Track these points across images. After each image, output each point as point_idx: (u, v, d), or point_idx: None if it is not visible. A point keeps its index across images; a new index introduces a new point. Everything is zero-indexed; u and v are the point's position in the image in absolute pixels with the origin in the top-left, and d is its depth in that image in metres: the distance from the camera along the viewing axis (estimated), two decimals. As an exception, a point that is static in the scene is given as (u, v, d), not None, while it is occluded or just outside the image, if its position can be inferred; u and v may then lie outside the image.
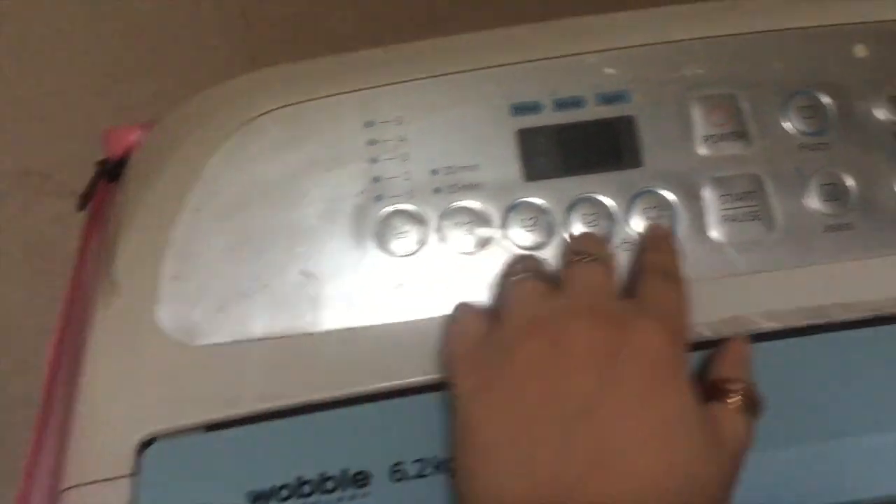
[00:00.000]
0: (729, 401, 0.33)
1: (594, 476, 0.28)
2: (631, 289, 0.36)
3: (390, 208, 0.39)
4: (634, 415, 0.29)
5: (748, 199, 0.39)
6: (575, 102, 0.40)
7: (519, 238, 0.39)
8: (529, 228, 0.39)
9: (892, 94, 0.40)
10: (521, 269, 0.35)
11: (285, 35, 0.66)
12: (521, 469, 0.29)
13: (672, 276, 0.36)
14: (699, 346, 0.37)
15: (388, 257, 0.38)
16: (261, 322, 0.38)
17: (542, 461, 0.29)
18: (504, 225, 0.39)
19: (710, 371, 0.35)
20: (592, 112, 0.40)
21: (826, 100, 0.40)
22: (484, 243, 0.39)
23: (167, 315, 0.38)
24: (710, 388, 0.33)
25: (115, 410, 0.38)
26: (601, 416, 0.29)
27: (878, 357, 0.37)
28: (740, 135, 0.40)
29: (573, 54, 0.40)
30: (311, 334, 0.37)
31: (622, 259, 0.38)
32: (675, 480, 0.29)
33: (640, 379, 0.30)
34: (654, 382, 0.30)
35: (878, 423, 0.36)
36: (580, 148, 0.40)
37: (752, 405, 0.33)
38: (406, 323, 0.38)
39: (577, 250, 0.36)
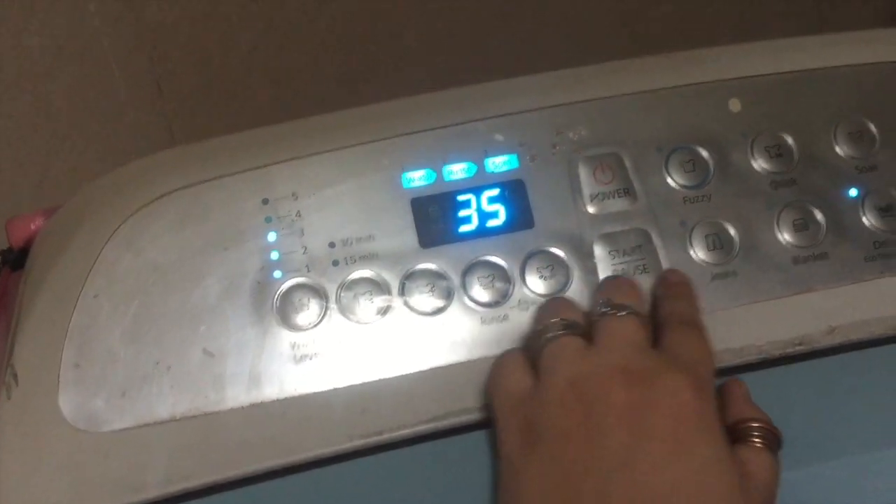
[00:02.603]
0: (754, 440, 0.34)
1: None
2: (656, 337, 0.37)
3: (290, 283, 0.39)
4: (669, 466, 0.31)
5: (637, 253, 0.41)
6: (466, 169, 0.42)
7: (418, 304, 0.40)
8: (428, 294, 0.40)
9: (767, 145, 0.43)
10: (555, 326, 0.36)
11: (202, 105, 0.67)
12: None
13: (693, 324, 0.37)
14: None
15: (290, 332, 0.39)
16: (165, 404, 0.38)
17: None
18: (403, 292, 0.40)
19: (724, 415, 0.36)
20: (483, 178, 0.41)
21: (705, 153, 0.42)
22: (384, 311, 0.40)
23: (70, 403, 0.38)
24: (731, 431, 0.34)
25: (20, 500, 0.37)
26: (637, 468, 0.31)
27: (763, 400, 0.38)
28: (626, 191, 0.42)
29: (462, 122, 0.42)
30: (215, 413, 0.38)
31: (522, 318, 0.40)
32: None
33: (672, 432, 0.32)
34: (686, 434, 0.32)
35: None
36: (473, 213, 0.41)
37: (775, 440, 0.35)
38: (310, 395, 0.38)
39: (610, 301, 0.37)
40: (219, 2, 0.62)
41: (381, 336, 0.39)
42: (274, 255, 0.40)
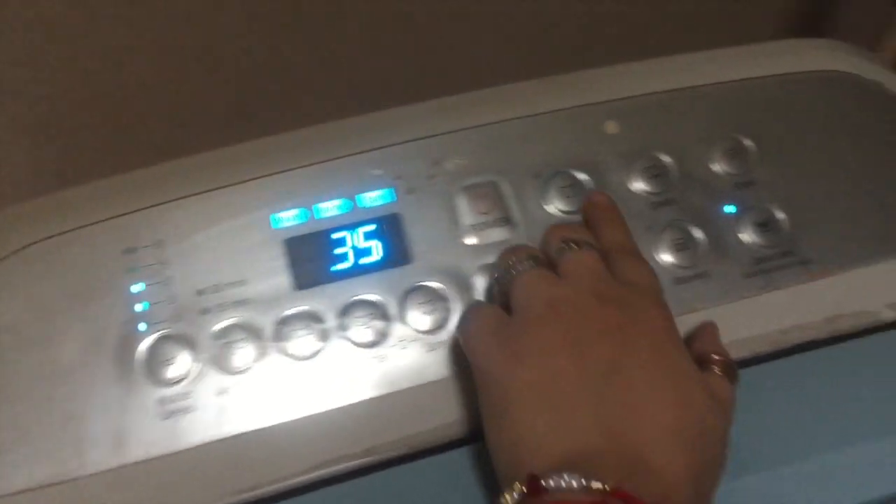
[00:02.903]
0: (715, 368, 0.37)
1: (626, 425, 0.32)
2: None
3: (156, 335, 0.37)
4: (651, 375, 0.33)
5: (518, 282, 0.40)
6: (340, 206, 0.40)
7: (293, 349, 0.38)
8: (303, 337, 0.38)
9: (645, 166, 0.42)
10: (521, 259, 0.37)
11: (92, 145, 0.65)
12: (564, 427, 0.32)
13: (634, 251, 0.39)
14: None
15: (157, 387, 0.37)
16: (21, 474, 0.35)
17: (582, 416, 0.32)
18: (277, 338, 0.38)
19: (691, 347, 0.38)
20: (358, 214, 0.40)
21: (583, 178, 0.42)
22: (257, 358, 0.38)
23: (-81, 479, 0.36)
24: (695, 361, 0.36)
25: None
26: (625, 376, 0.33)
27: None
28: (505, 220, 0.41)
29: (334, 158, 0.41)
30: (76, 479, 0.35)
31: (403, 357, 0.38)
32: (692, 430, 0.32)
33: (649, 345, 0.34)
34: (662, 347, 0.34)
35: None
36: (348, 250, 0.40)
37: (733, 372, 0.37)
38: (180, 453, 0.36)
39: (567, 238, 0.38)
40: (104, 36, 0.60)
41: (254, 385, 0.38)
42: (138, 307, 0.38)
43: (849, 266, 0.42)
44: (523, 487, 0.30)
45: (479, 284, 0.40)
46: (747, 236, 0.42)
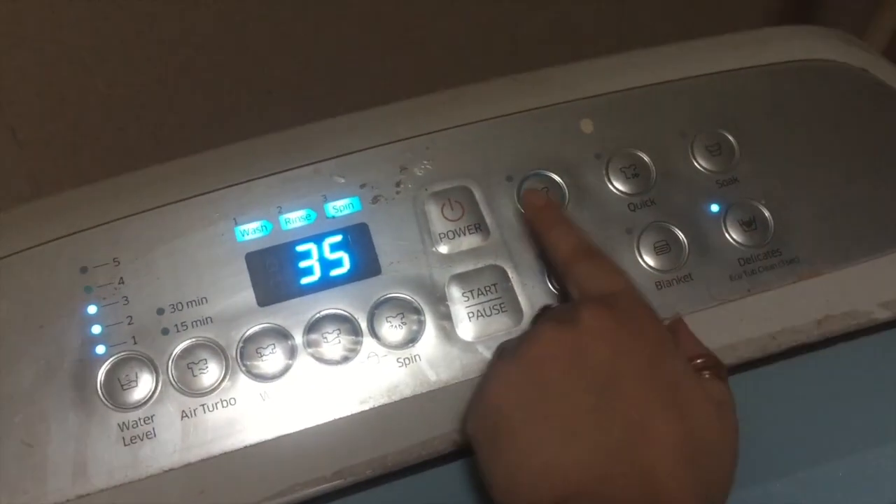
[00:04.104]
0: (705, 373, 0.35)
1: (632, 443, 0.30)
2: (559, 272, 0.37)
3: (114, 358, 0.36)
4: (648, 384, 0.31)
5: (492, 292, 0.38)
6: (304, 217, 0.39)
7: (258, 368, 0.36)
8: (270, 356, 0.37)
9: (622, 166, 0.41)
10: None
11: (65, 151, 0.63)
12: (567, 451, 0.30)
13: (599, 254, 0.37)
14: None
15: (118, 411, 0.35)
16: (-22, 506, 0.35)
17: (584, 435, 0.31)
18: (241, 357, 0.37)
19: None
20: (323, 224, 0.39)
21: (558, 179, 0.40)
22: (222, 379, 0.36)
23: None
24: None
25: None
26: (622, 386, 0.31)
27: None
28: (477, 227, 0.39)
29: (298, 166, 0.39)
30: (35, 511, 0.35)
31: (373, 373, 0.37)
32: (699, 447, 0.31)
33: (645, 349, 0.32)
34: (656, 352, 0.32)
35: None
36: (315, 263, 0.38)
37: (722, 370, 0.35)
38: (142, 480, 0.35)
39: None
40: (69, 43, 0.59)
41: (219, 407, 0.36)
42: (95, 329, 0.36)
43: (839, 264, 0.40)
44: None
45: (453, 294, 0.38)
46: (731, 236, 0.40)
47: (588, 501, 0.28)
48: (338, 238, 0.38)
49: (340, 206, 0.39)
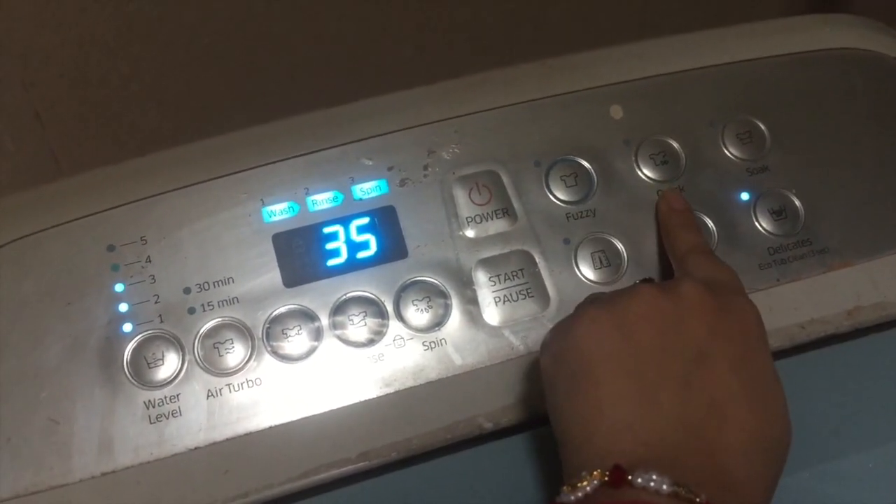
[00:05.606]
0: None
1: (711, 423, 0.30)
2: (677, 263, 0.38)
3: (141, 336, 0.36)
4: (738, 369, 0.32)
5: (519, 277, 0.38)
6: (332, 198, 0.39)
7: (284, 349, 0.36)
8: (295, 338, 0.37)
9: (652, 153, 0.40)
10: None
11: (87, 132, 0.63)
12: (647, 411, 0.31)
13: (715, 255, 0.38)
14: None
15: (144, 389, 0.36)
16: (5, 481, 0.34)
17: (666, 402, 0.31)
18: (267, 338, 0.37)
19: None
20: (351, 206, 0.38)
21: (587, 165, 0.40)
22: (248, 359, 0.36)
23: None
24: None
25: None
26: (712, 365, 0.32)
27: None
28: (505, 211, 0.39)
29: (326, 148, 0.39)
30: (62, 487, 0.34)
31: (399, 357, 0.37)
32: (774, 441, 0.31)
33: (741, 337, 0.33)
34: (751, 344, 0.33)
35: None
36: (341, 245, 0.38)
37: None
38: (168, 458, 0.35)
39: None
40: (92, 26, 0.59)
41: (245, 387, 0.36)
42: (122, 307, 0.36)
43: (869, 255, 0.40)
44: (605, 476, 0.28)
45: (479, 278, 0.38)
46: (761, 225, 0.40)
47: (657, 468, 0.28)
48: (365, 220, 0.38)
49: (368, 189, 0.39)
